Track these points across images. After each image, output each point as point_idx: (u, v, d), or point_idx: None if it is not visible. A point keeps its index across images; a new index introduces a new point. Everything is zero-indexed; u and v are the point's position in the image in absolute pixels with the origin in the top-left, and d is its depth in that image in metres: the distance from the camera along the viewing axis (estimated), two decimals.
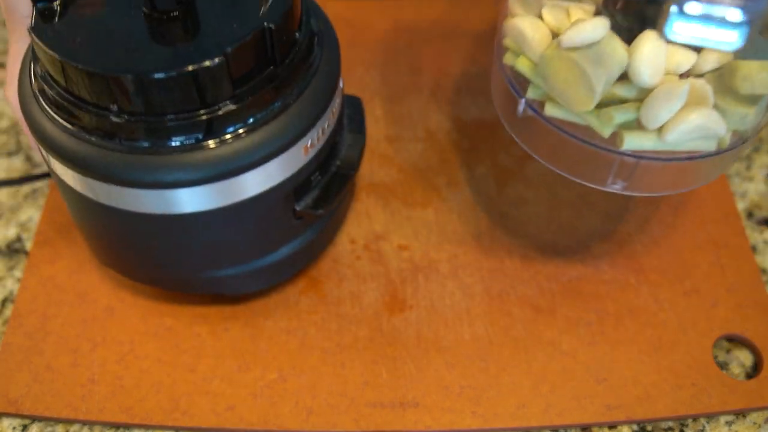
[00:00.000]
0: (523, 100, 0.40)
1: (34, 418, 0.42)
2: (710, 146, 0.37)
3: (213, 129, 0.35)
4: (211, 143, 0.35)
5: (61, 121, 0.36)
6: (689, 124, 0.35)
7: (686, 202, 0.50)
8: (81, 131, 0.35)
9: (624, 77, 0.36)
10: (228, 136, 0.35)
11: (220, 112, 0.35)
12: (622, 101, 0.36)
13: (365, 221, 0.50)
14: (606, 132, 0.37)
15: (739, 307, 0.46)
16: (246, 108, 0.35)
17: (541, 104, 0.39)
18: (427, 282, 0.47)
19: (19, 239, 0.50)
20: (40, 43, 0.34)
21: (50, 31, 0.34)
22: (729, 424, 0.42)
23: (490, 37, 0.60)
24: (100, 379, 0.43)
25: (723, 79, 0.36)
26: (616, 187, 0.39)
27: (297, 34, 0.37)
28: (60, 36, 0.34)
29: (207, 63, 0.33)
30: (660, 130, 0.36)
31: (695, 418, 0.42)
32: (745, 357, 0.45)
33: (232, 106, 0.35)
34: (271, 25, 0.34)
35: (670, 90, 0.34)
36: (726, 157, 0.38)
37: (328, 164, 0.43)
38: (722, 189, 0.51)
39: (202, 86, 0.34)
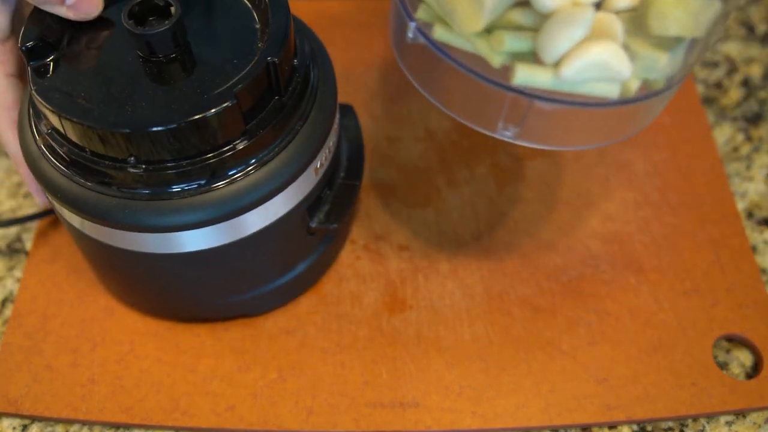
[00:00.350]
0: (413, 24, 0.36)
1: (34, 418, 0.42)
2: (613, 92, 0.33)
3: (224, 169, 0.35)
4: (222, 183, 0.35)
5: (70, 173, 0.35)
6: (589, 58, 0.31)
7: (686, 202, 0.50)
8: (90, 182, 0.35)
9: (525, 4, 0.32)
10: (239, 174, 0.35)
11: (233, 151, 0.35)
12: (520, 30, 0.32)
13: (365, 221, 0.50)
14: (496, 61, 0.33)
15: (739, 307, 0.46)
16: (257, 143, 0.35)
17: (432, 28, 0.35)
18: (427, 282, 0.47)
19: (19, 239, 0.50)
20: (46, 105, 0.33)
21: (52, 88, 0.34)
22: (729, 424, 0.42)
23: None
24: (100, 379, 0.43)
25: (636, 21, 0.32)
26: (507, 134, 0.35)
27: (295, 60, 0.37)
28: (62, 93, 0.34)
29: (223, 105, 0.33)
30: (557, 65, 0.32)
31: (695, 418, 0.42)
32: (745, 357, 0.45)
33: (245, 143, 0.35)
34: (275, 59, 0.34)
35: (572, 15, 0.30)
36: (630, 111, 0.34)
37: (334, 178, 0.43)
38: (722, 189, 0.51)
39: (216, 129, 0.33)
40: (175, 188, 0.35)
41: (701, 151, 0.53)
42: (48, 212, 0.47)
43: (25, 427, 0.42)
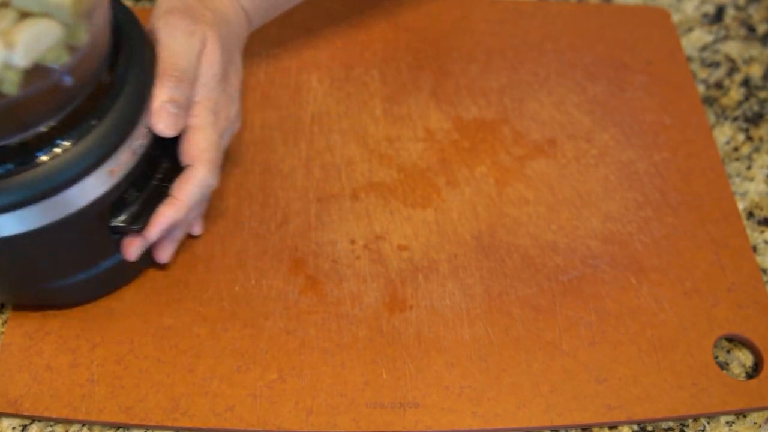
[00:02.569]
0: None
1: (33, 418, 0.42)
2: None
3: (27, 154, 0.35)
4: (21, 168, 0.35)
5: None
6: None
7: (686, 202, 0.50)
8: None
9: None
10: (38, 160, 0.35)
11: (32, 137, 0.35)
12: None
13: (365, 221, 0.50)
14: None
15: (740, 307, 0.46)
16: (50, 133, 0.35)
17: None
18: (427, 282, 0.47)
19: None
20: None
21: None
22: (729, 424, 0.42)
23: (490, 37, 0.60)
24: (99, 379, 0.43)
25: None
26: None
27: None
28: None
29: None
30: None
31: (695, 418, 0.42)
32: (745, 357, 0.45)
33: (42, 129, 0.35)
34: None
35: None
36: None
37: (145, 180, 0.42)
38: (722, 189, 0.51)
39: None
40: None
41: (701, 151, 0.53)
42: None
43: (25, 427, 0.42)
